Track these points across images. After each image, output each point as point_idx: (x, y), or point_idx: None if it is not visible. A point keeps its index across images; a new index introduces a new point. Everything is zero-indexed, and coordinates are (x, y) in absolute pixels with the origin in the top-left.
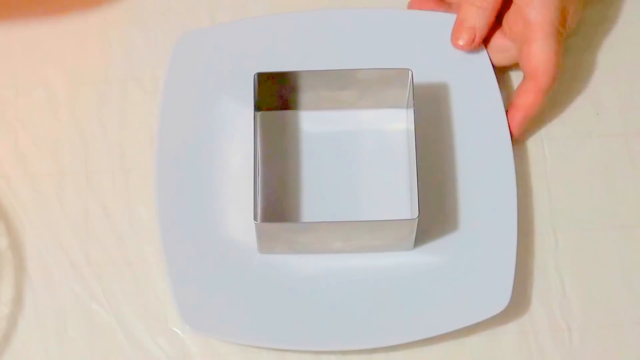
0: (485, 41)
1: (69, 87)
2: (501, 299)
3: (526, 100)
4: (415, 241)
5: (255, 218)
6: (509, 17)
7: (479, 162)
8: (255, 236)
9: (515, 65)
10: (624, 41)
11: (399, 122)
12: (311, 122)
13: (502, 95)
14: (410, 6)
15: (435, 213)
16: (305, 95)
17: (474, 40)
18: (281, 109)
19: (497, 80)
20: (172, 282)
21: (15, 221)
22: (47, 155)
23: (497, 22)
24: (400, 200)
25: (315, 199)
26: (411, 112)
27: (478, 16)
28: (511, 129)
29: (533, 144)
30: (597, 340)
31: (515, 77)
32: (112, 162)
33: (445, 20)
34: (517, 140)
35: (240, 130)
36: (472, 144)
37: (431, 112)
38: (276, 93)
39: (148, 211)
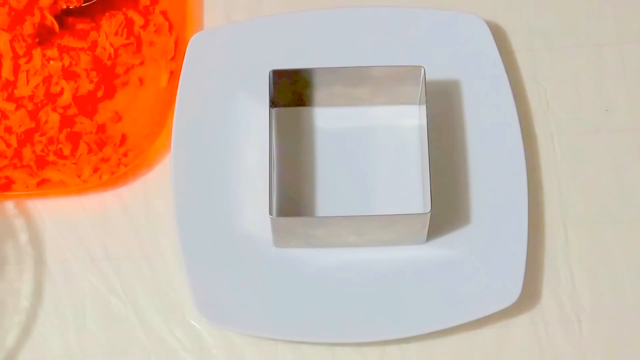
0: None
1: None
2: (512, 292)
3: None
4: (427, 235)
5: (270, 212)
6: None
7: (490, 157)
8: (271, 230)
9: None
10: (633, 37)
11: (411, 118)
12: (325, 118)
13: (512, 91)
14: None
15: (447, 207)
16: (319, 92)
17: None
18: (296, 105)
19: (508, 77)
20: (189, 275)
21: (35, 216)
22: None
23: None
24: (412, 195)
25: (330, 194)
26: (423, 108)
27: None
28: None
29: (543, 139)
30: (606, 332)
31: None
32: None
33: (456, 18)
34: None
35: (256, 127)
36: (483, 140)
37: (443, 108)
38: (291, 90)
39: (165, 205)
